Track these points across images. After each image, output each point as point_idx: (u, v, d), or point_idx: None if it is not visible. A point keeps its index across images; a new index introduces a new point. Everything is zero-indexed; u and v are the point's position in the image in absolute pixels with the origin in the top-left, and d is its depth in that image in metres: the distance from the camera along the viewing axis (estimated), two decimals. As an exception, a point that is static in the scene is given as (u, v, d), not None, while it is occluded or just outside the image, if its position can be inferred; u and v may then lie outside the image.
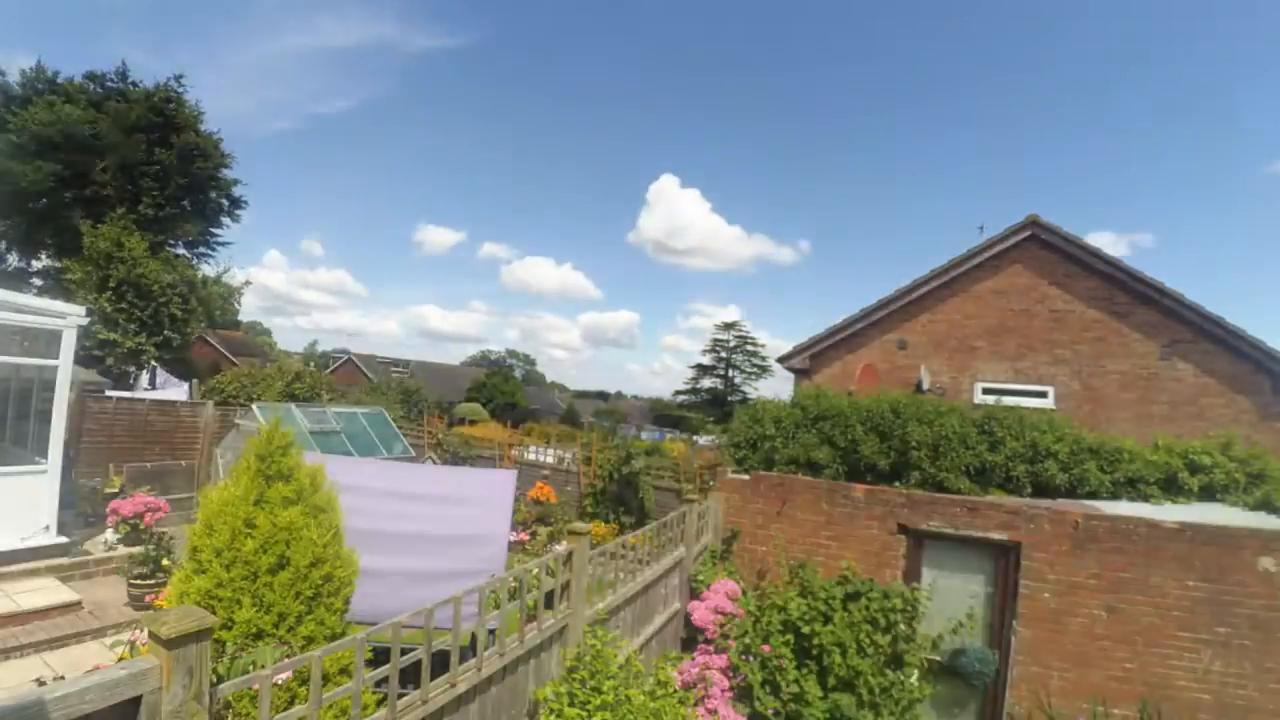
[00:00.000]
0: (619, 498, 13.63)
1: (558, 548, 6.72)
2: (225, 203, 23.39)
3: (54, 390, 7.38)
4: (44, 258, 21.57)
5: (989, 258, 10.53)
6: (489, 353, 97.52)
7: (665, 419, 56.86)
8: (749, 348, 54.40)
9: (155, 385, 15.59)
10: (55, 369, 7.40)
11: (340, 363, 54.33)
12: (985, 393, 10.22)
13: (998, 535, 6.18)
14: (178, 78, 21.68)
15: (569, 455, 16.65)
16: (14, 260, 21.37)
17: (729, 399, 51.30)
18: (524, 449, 18.59)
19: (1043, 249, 10.22)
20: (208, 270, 22.97)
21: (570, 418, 51.91)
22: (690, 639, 6.48)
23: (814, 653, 5.60)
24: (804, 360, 11.65)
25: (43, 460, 7.33)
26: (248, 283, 24.71)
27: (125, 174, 19.97)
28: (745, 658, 5.73)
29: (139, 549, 7.23)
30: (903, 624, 5.89)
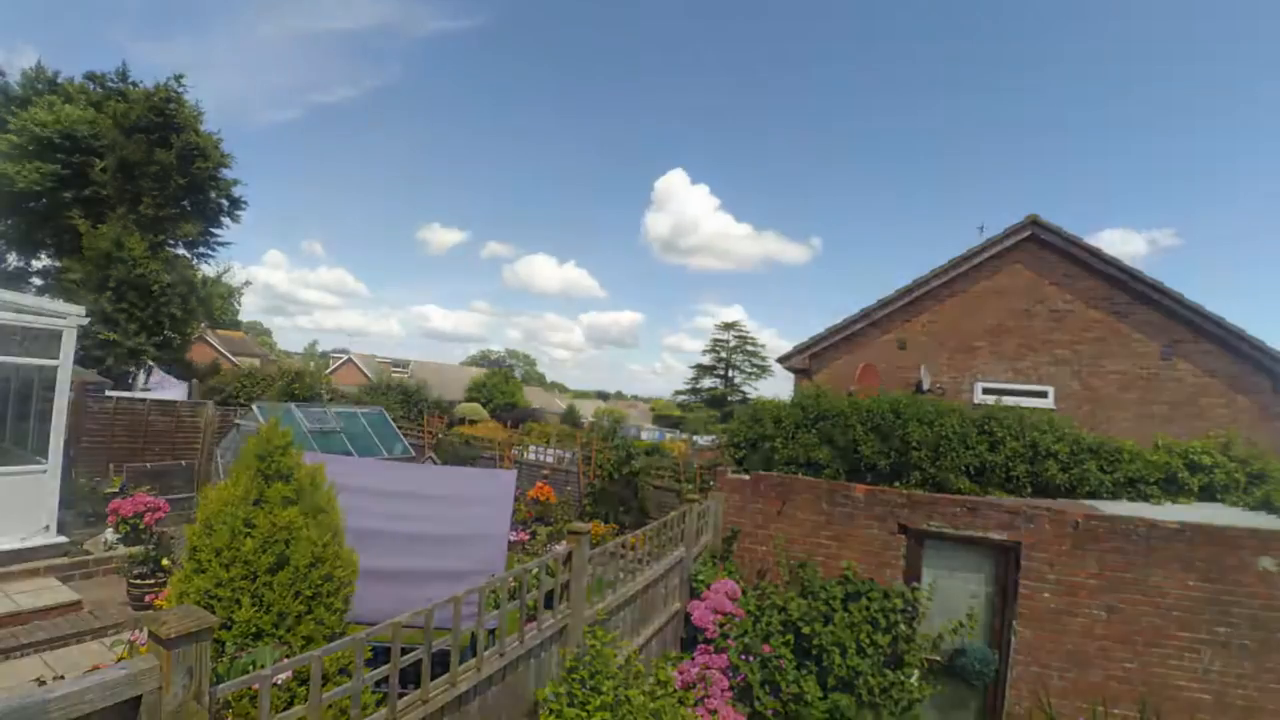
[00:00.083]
0: (619, 498, 13.64)
1: (557, 548, 6.71)
2: (225, 203, 23.37)
3: (54, 390, 7.39)
4: (44, 258, 21.56)
5: (989, 258, 10.53)
6: (489, 353, 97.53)
7: (665, 419, 56.86)
8: (749, 348, 54.41)
9: (149, 384, 15.53)
10: (55, 369, 7.41)
11: (340, 363, 54.34)
12: (985, 393, 10.23)
13: (998, 535, 6.18)
14: (178, 78, 21.66)
15: (569, 455, 16.65)
16: (13, 260, 21.36)
17: (729, 399, 51.30)
18: (524, 449, 18.59)
19: (1043, 249, 10.22)
20: (208, 270, 22.99)
21: (570, 418, 51.88)
22: (690, 639, 6.48)
23: (814, 653, 5.61)
24: (804, 360, 11.65)
25: (43, 460, 7.33)
26: (247, 282, 24.78)
27: (125, 174, 19.95)
28: (745, 658, 5.73)
29: (139, 549, 7.24)
30: (903, 624, 5.89)
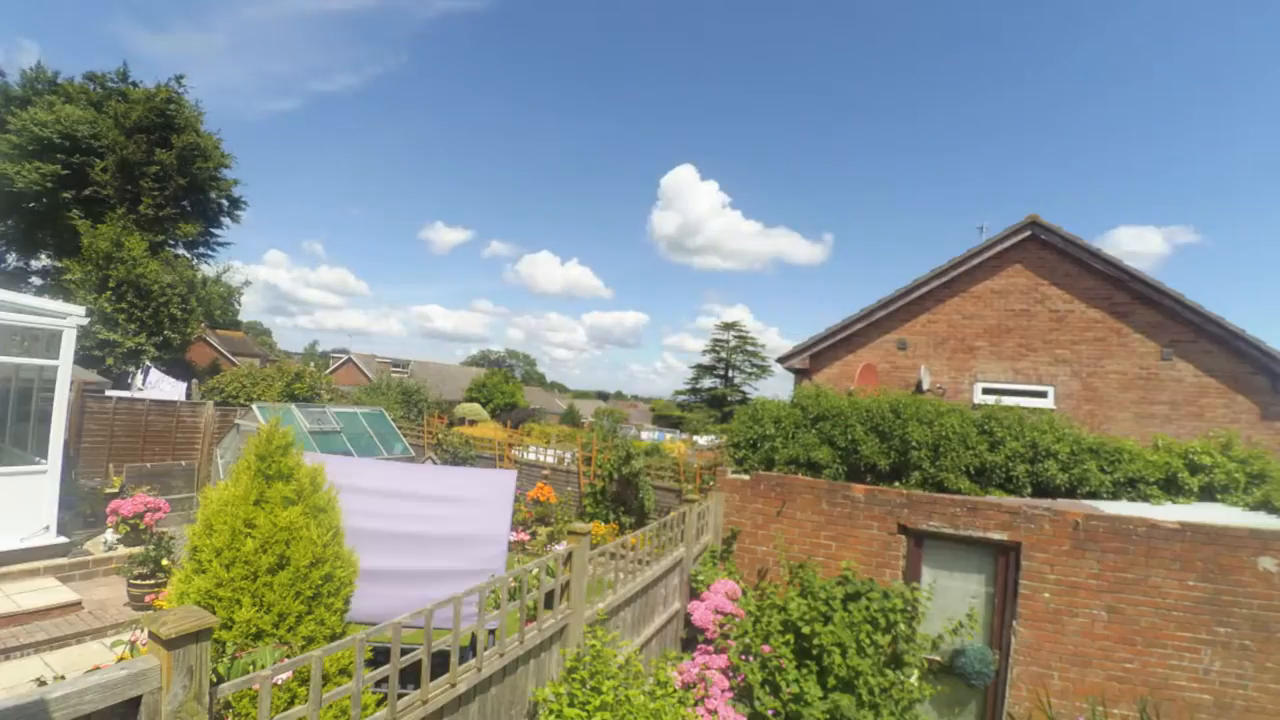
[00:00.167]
0: (619, 498, 13.64)
1: (558, 548, 6.72)
2: (225, 203, 23.44)
3: (54, 390, 7.39)
4: (44, 258, 21.58)
5: (989, 258, 10.53)
6: (489, 353, 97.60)
7: (665, 419, 56.86)
8: (749, 348, 54.46)
9: (146, 384, 15.51)
10: (55, 369, 7.41)
11: (340, 363, 54.34)
12: (985, 393, 10.23)
13: (998, 535, 6.18)
14: (178, 78, 21.75)
15: (569, 455, 16.65)
16: (13, 260, 21.37)
17: (729, 399, 51.33)
18: (524, 449, 18.60)
19: (1043, 249, 10.22)
20: (207, 270, 23.00)
21: (570, 418, 51.88)
22: (690, 639, 6.49)
23: (814, 653, 5.60)
24: (804, 360, 11.65)
25: (42, 460, 7.33)
26: (247, 282, 24.74)
27: (125, 174, 19.98)
28: (745, 658, 5.73)
29: (139, 549, 7.24)
30: (903, 624, 5.89)
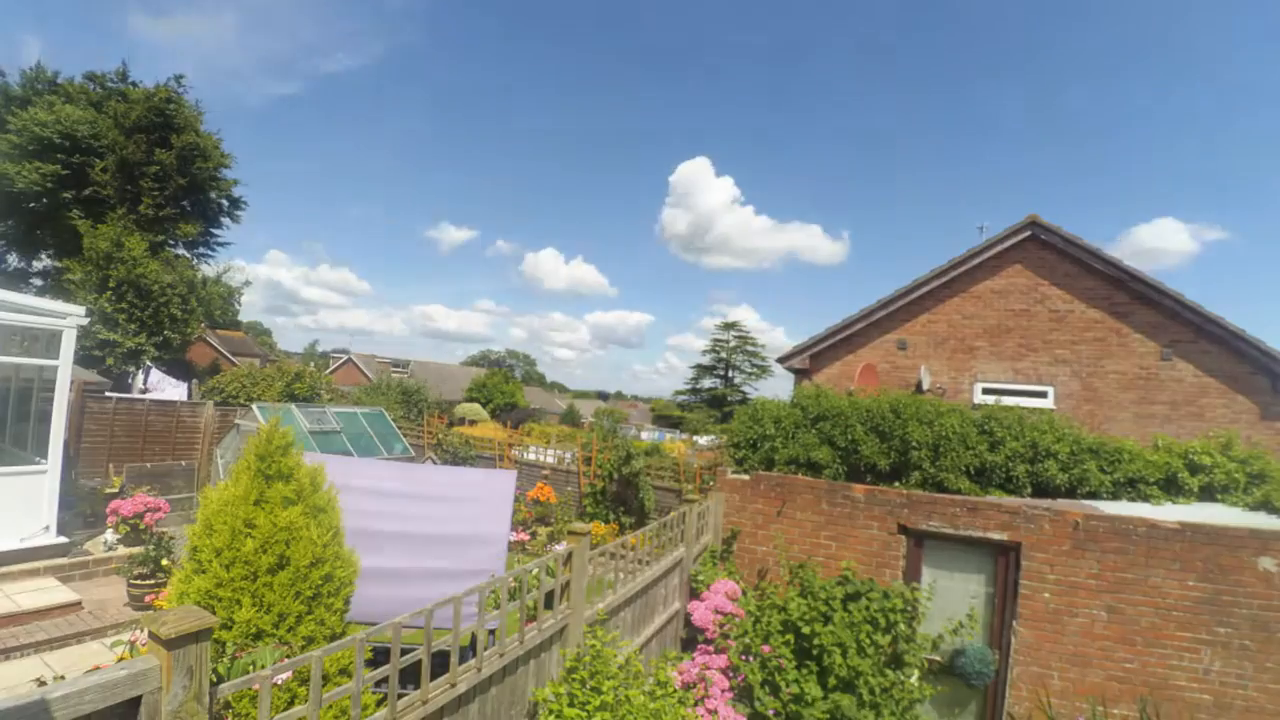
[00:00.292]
0: (619, 498, 13.64)
1: (558, 548, 6.72)
2: (225, 203, 23.43)
3: (54, 390, 7.39)
4: (44, 258, 21.58)
5: (989, 258, 10.53)
6: (489, 353, 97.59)
7: (665, 419, 56.86)
8: (749, 348, 54.45)
9: (148, 385, 15.53)
10: (55, 369, 7.41)
11: (340, 363, 54.34)
12: (985, 393, 10.23)
13: (998, 535, 6.18)
14: (178, 78, 21.73)
15: (569, 455, 16.65)
16: (14, 260, 21.37)
17: (729, 399, 51.32)
18: (524, 449, 18.60)
19: (1042, 249, 10.22)
20: (207, 270, 23.00)
21: (570, 418, 51.88)
22: (690, 639, 6.49)
23: (814, 653, 5.60)
24: (804, 360, 11.65)
25: (42, 460, 7.33)
26: (247, 282, 24.77)
27: (125, 174, 19.97)
28: (745, 658, 5.73)
29: (139, 549, 7.24)
30: (903, 624, 5.88)
